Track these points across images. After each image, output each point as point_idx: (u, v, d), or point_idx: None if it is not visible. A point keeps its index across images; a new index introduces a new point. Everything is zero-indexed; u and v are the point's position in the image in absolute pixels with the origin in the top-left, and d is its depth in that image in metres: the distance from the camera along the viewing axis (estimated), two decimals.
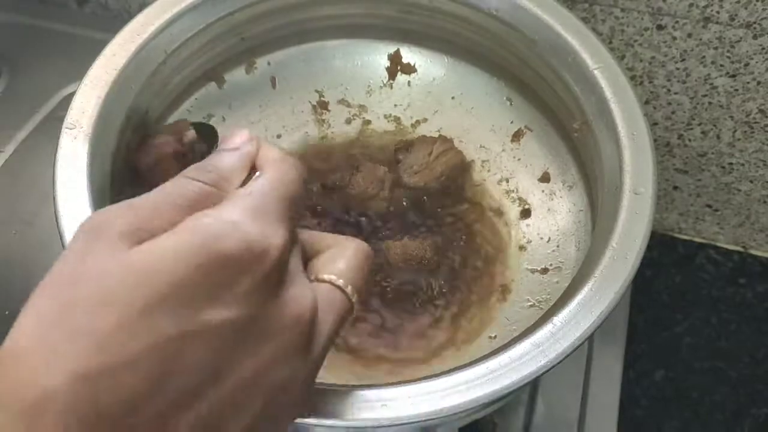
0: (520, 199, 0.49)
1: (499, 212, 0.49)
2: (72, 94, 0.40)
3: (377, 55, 0.52)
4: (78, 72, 0.40)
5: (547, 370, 0.33)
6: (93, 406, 0.21)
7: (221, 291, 0.23)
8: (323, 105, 0.52)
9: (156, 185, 0.27)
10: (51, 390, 0.21)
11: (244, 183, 0.28)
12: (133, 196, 0.26)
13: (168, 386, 0.22)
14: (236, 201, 0.26)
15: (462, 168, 0.50)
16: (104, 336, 0.21)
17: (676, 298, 0.61)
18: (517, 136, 0.50)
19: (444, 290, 0.45)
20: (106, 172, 0.40)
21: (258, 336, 0.24)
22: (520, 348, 0.33)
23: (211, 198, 0.26)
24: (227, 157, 0.28)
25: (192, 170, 0.27)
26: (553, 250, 0.46)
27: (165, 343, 0.22)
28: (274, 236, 0.25)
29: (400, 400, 0.32)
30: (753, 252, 0.64)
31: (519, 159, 0.50)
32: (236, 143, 0.29)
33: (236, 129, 0.30)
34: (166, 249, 0.23)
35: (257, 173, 0.28)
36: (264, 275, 0.24)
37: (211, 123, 0.48)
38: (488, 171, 0.50)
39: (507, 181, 0.49)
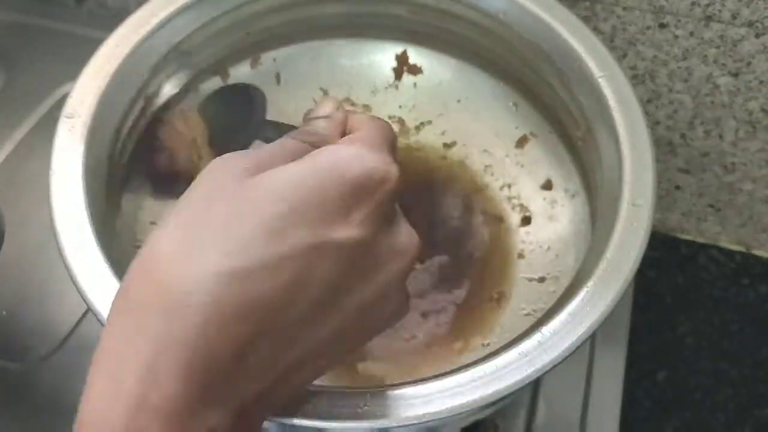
0: (521, 206, 0.48)
1: (500, 219, 0.48)
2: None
3: (384, 55, 0.52)
4: (76, 71, 0.40)
5: (535, 379, 0.32)
6: (233, 304, 0.23)
7: (347, 212, 0.25)
8: None
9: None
10: (192, 289, 0.22)
11: None
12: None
13: (301, 296, 0.24)
14: (352, 139, 0.29)
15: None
16: (245, 242, 0.23)
17: (679, 299, 0.61)
18: (521, 142, 0.49)
19: (439, 296, 0.45)
20: (103, 162, 0.39)
21: (374, 262, 0.27)
22: (507, 356, 0.33)
23: None
24: (323, 123, 0.31)
25: (296, 133, 0.30)
26: (552, 260, 0.45)
27: (300, 254, 0.24)
28: (391, 166, 0.27)
29: (398, 400, 0.31)
30: (756, 252, 0.63)
31: (522, 165, 0.49)
32: (327, 111, 0.31)
33: (323, 100, 0.32)
34: (296, 171, 0.25)
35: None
36: (382, 201, 0.26)
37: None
38: (491, 176, 0.49)
39: (509, 187, 0.49)
